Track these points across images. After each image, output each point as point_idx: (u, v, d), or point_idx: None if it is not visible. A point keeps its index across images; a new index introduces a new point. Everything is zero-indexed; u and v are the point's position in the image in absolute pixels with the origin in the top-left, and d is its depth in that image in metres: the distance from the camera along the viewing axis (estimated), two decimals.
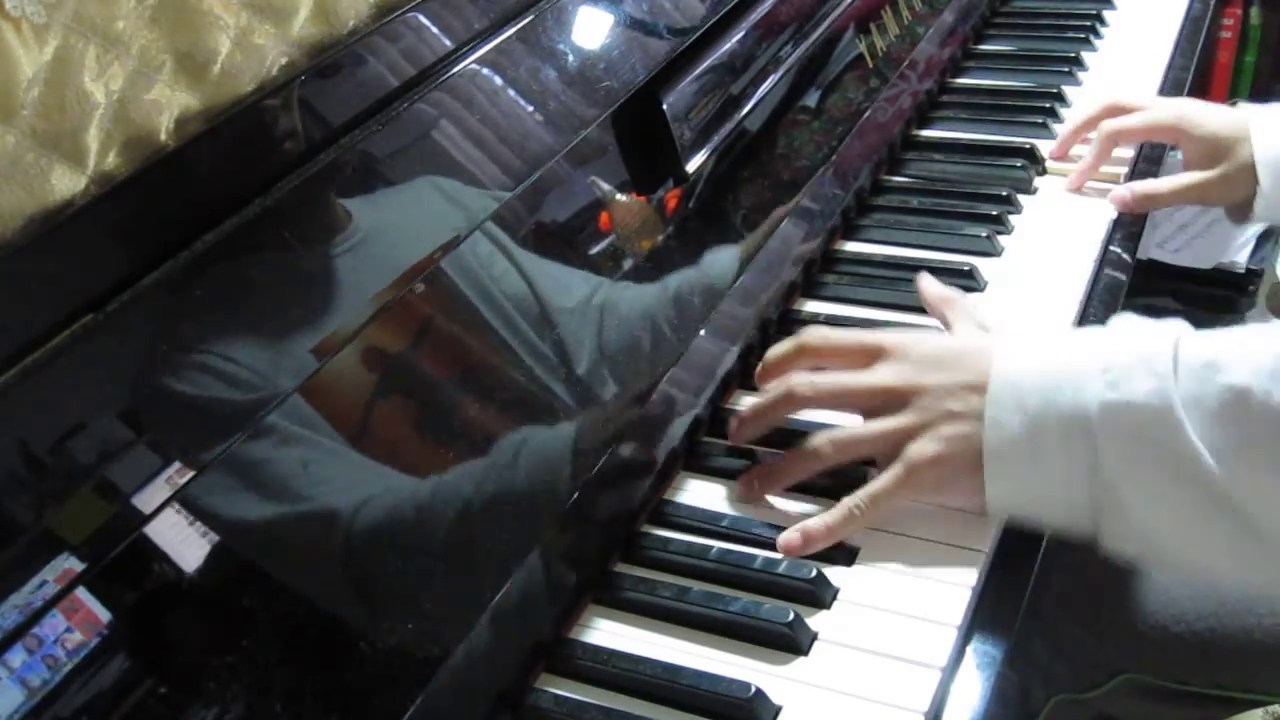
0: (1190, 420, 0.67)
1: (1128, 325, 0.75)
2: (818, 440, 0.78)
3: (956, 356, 0.77)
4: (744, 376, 0.92)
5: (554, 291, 0.80)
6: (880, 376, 0.78)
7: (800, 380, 0.80)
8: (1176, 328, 0.72)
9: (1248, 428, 0.66)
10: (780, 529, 0.78)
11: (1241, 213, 1.07)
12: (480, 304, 0.75)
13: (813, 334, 0.82)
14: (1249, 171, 1.04)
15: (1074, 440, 0.70)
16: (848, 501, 0.75)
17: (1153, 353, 0.70)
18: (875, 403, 0.78)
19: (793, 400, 0.80)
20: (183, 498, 0.57)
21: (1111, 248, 1.05)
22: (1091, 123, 1.15)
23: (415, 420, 0.70)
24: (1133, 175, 1.14)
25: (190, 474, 0.58)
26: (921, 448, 0.74)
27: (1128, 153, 1.16)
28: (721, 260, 0.92)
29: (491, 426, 0.72)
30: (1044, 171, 1.17)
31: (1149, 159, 1.17)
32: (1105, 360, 0.71)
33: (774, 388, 0.81)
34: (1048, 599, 0.92)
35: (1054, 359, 0.73)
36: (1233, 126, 1.06)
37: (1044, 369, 0.72)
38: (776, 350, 0.83)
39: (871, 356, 0.79)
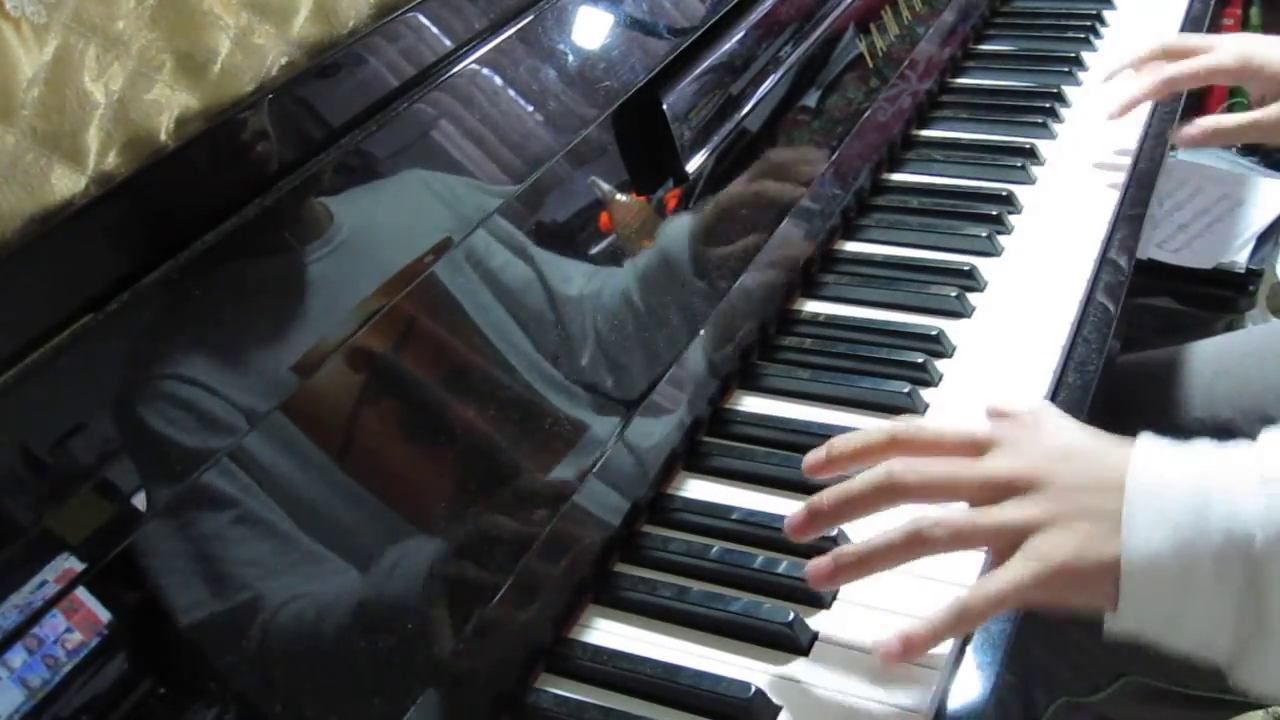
0: None
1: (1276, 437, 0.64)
2: (926, 525, 0.66)
3: (1085, 448, 0.67)
4: (744, 376, 0.92)
5: (554, 291, 0.80)
6: (999, 464, 0.67)
7: (903, 465, 0.68)
8: None
9: None
10: (779, 528, 0.77)
11: None
12: (479, 303, 0.75)
13: (905, 425, 0.71)
14: None
15: (1231, 569, 0.60)
16: (963, 600, 0.64)
17: None
18: (991, 494, 0.66)
19: (893, 488, 0.67)
20: (182, 497, 0.57)
21: (1111, 247, 1.05)
22: (1144, 60, 1.13)
23: (418, 420, 0.70)
24: (1134, 174, 1.14)
25: (190, 474, 0.58)
26: (1055, 543, 0.63)
27: (1130, 145, 1.16)
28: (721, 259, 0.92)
29: (491, 428, 0.72)
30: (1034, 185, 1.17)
31: (1150, 157, 1.17)
32: (1262, 471, 0.61)
33: (868, 475, 0.68)
34: None
35: (1201, 464, 0.63)
36: None
37: (1190, 476, 0.62)
38: (853, 439, 0.71)
39: (979, 448, 0.69)
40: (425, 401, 0.70)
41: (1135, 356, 1.10)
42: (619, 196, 0.87)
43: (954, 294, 0.98)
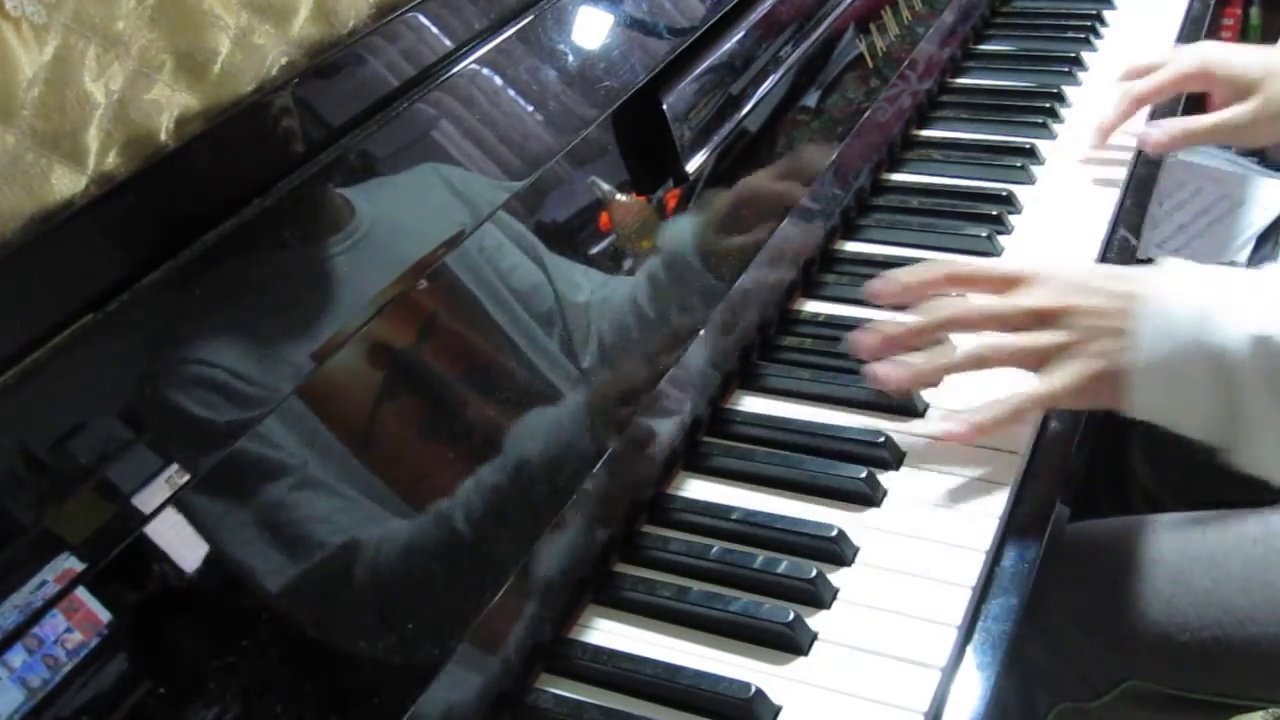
0: None
1: None
2: (972, 344, 0.81)
3: (1105, 279, 0.80)
4: (744, 376, 0.92)
5: (553, 292, 0.80)
6: (1029, 298, 0.80)
7: (956, 304, 0.82)
8: None
9: None
10: (779, 528, 0.78)
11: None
12: (480, 303, 0.75)
13: (957, 263, 0.85)
14: None
15: (1219, 375, 0.71)
16: (1015, 400, 0.79)
17: None
18: (1028, 323, 0.80)
19: (952, 321, 0.82)
20: (183, 498, 0.57)
21: (1111, 247, 1.05)
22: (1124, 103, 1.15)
23: (418, 421, 0.70)
24: (1133, 174, 1.14)
25: (190, 474, 0.58)
26: (1073, 364, 0.77)
27: (1130, 145, 1.16)
28: (722, 260, 0.92)
29: (493, 428, 0.72)
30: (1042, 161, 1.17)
31: (1150, 157, 1.17)
32: (1262, 293, 0.72)
33: (930, 309, 0.83)
34: (1051, 607, 0.92)
35: (1207, 287, 0.74)
36: (1262, 65, 1.05)
37: (1197, 295, 0.73)
38: (915, 272, 0.85)
39: (1012, 284, 0.82)
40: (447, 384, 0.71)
41: None
42: (619, 196, 0.87)
43: (954, 293, 0.98)
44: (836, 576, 0.75)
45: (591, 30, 0.90)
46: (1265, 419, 0.71)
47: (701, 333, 0.85)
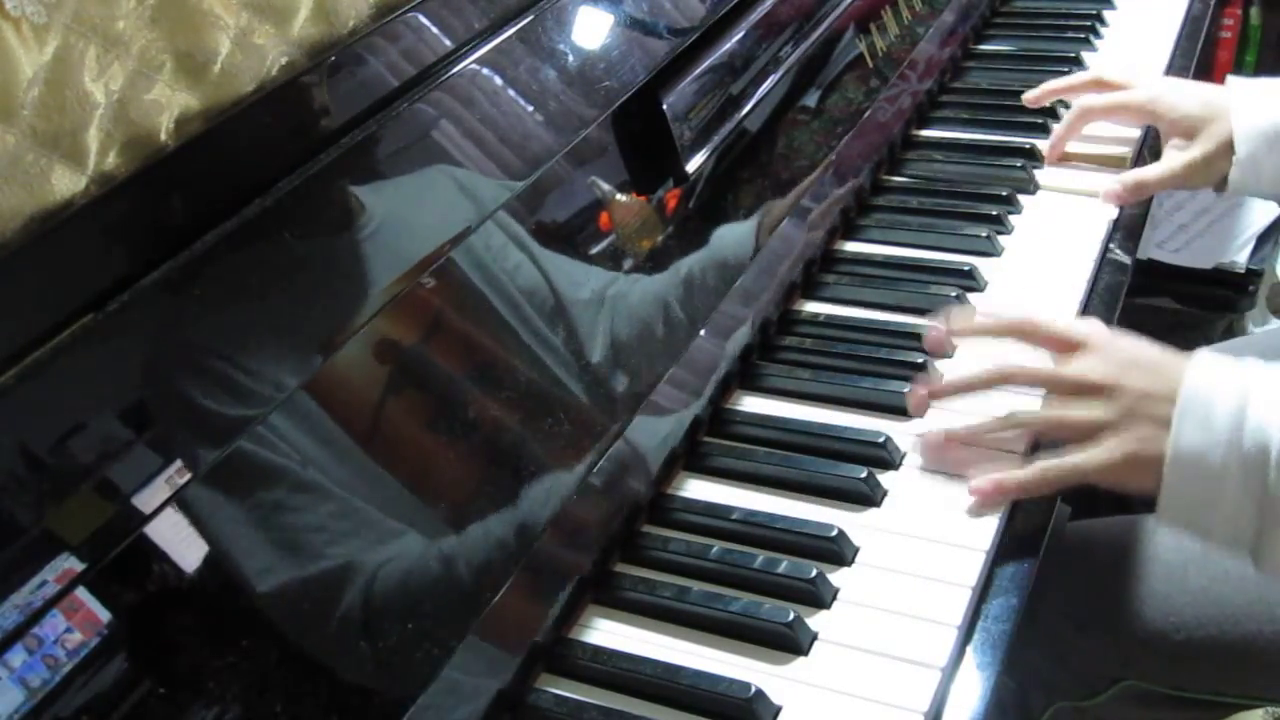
0: None
1: None
2: (1025, 414, 0.82)
3: (1154, 362, 0.80)
4: (744, 377, 0.92)
5: (551, 293, 0.80)
6: (1083, 369, 0.81)
7: (1013, 365, 0.83)
8: None
9: None
10: (779, 528, 0.78)
11: (1223, 184, 1.07)
12: (485, 300, 0.75)
13: (1023, 318, 0.85)
14: (1227, 148, 1.03)
15: (1254, 472, 0.72)
16: (1042, 465, 0.79)
17: None
18: (1072, 392, 0.81)
19: (1006, 378, 0.84)
20: (183, 498, 0.57)
21: (1111, 247, 1.05)
22: (1073, 88, 1.17)
23: (424, 420, 0.70)
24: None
25: (190, 474, 0.58)
26: (1120, 442, 0.77)
27: (1130, 144, 1.16)
28: (722, 260, 0.92)
29: (495, 426, 0.72)
30: (1041, 166, 1.17)
31: (1150, 158, 1.17)
32: None
33: (989, 370, 0.84)
34: (1048, 607, 0.92)
35: (1245, 382, 0.74)
36: (1207, 106, 1.05)
37: (1236, 389, 0.74)
38: (981, 322, 0.88)
39: (1068, 347, 0.83)
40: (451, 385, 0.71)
41: None
42: (619, 196, 0.87)
43: (954, 294, 0.98)
44: (836, 576, 0.75)
45: (591, 30, 0.90)
46: None
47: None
